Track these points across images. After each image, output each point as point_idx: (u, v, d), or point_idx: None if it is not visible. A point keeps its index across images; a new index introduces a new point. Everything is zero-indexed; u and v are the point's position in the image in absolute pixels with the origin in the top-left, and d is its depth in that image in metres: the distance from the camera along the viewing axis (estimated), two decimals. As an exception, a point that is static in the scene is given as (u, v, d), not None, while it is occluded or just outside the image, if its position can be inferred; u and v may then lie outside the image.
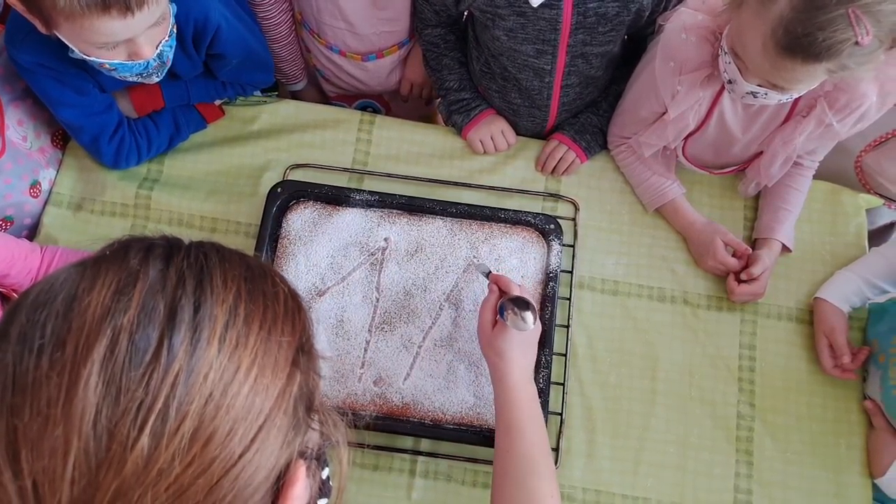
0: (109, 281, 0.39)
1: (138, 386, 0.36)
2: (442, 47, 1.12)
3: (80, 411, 0.35)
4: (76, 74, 0.93)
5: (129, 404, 0.36)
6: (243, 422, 0.38)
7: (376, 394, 0.97)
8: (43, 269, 0.96)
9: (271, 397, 0.40)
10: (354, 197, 1.03)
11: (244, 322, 0.40)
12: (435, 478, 0.97)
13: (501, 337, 0.82)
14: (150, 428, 0.36)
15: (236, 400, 0.38)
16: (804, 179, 1.05)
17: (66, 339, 0.37)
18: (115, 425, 0.35)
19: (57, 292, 0.39)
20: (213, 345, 0.38)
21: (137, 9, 0.75)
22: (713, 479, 0.97)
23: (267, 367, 0.40)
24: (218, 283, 0.41)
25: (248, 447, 0.38)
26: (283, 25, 1.16)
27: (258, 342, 0.40)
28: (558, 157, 1.10)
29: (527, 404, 0.79)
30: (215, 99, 1.12)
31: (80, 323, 0.37)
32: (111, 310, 0.38)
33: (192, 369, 0.37)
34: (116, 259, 0.41)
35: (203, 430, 0.37)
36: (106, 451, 0.35)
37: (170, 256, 0.42)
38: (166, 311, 0.38)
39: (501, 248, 1.02)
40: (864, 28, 0.69)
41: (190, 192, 1.09)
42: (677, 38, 0.91)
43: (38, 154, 1.05)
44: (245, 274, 0.43)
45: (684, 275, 1.06)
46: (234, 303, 0.41)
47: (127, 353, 0.36)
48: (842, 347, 0.97)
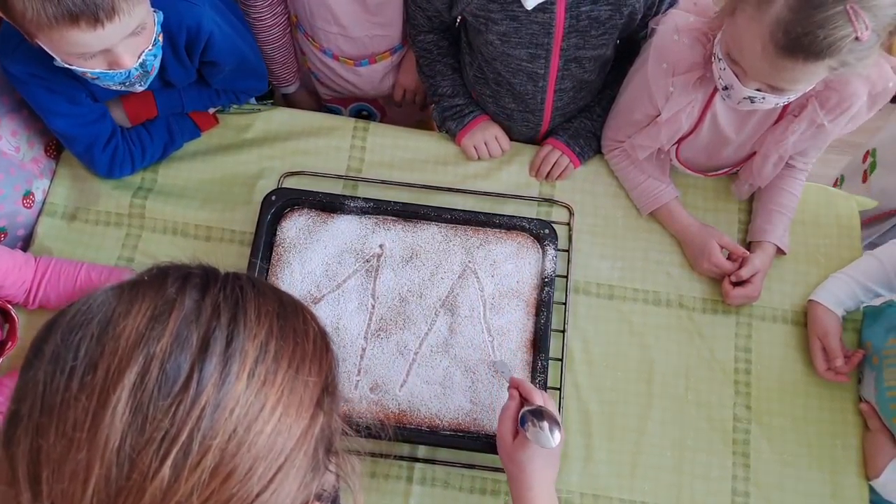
0: (146, 307, 0.39)
1: (165, 416, 0.36)
2: (435, 53, 1.12)
3: (105, 437, 0.35)
4: (68, 84, 0.93)
5: (153, 434, 0.36)
6: (263, 461, 0.38)
7: (373, 401, 0.96)
8: (37, 280, 0.96)
9: (293, 437, 0.40)
10: (349, 204, 1.03)
11: (273, 359, 0.40)
12: (432, 484, 0.97)
13: (523, 451, 0.76)
14: (172, 460, 0.36)
15: (259, 438, 0.38)
16: (797, 182, 1.05)
17: (98, 363, 0.37)
18: (138, 454, 0.35)
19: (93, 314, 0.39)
20: (242, 380, 0.38)
21: (108, 20, 0.75)
22: (710, 482, 0.98)
23: (292, 406, 0.40)
24: (251, 318, 0.41)
25: (266, 487, 0.38)
26: (276, 28, 1.16)
27: (285, 380, 0.40)
28: (552, 162, 1.10)
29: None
30: (209, 107, 1.11)
31: (113, 347, 0.37)
32: (145, 337, 0.38)
33: (218, 403, 0.37)
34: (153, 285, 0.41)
35: (224, 467, 0.37)
36: (126, 479, 0.35)
37: (206, 287, 0.41)
38: (199, 342, 0.38)
39: (496, 254, 1.02)
40: (864, 23, 0.70)
41: (184, 201, 1.09)
42: (670, 39, 0.91)
43: (32, 164, 1.05)
44: (278, 310, 0.43)
45: (679, 278, 1.07)
46: (266, 339, 0.40)
47: (157, 382, 0.36)
48: (835, 350, 0.97)
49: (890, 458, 0.93)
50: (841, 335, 0.99)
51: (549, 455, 0.77)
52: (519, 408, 0.80)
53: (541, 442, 0.76)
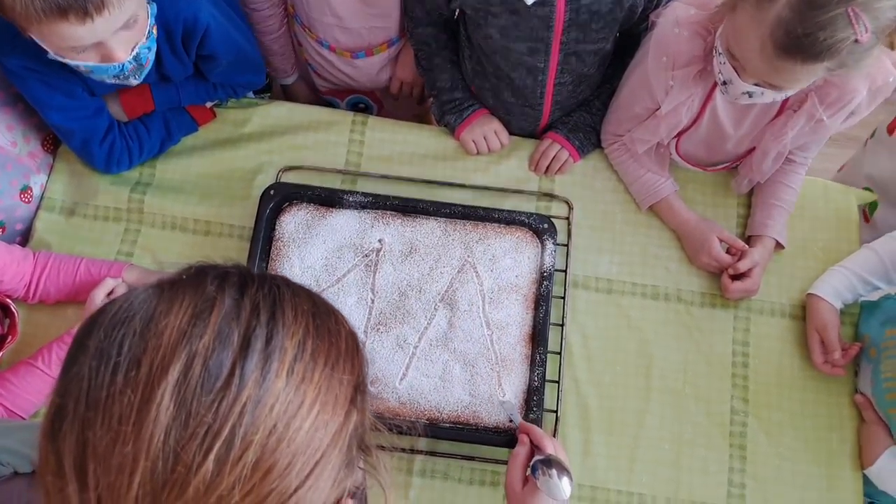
0: (186, 305, 0.40)
1: (208, 411, 0.37)
2: (434, 46, 1.11)
3: (150, 431, 0.36)
4: (64, 78, 0.93)
5: (197, 428, 0.36)
6: (302, 456, 0.39)
7: (372, 394, 0.97)
8: (36, 275, 0.96)
9: (329, 434, 0.40)
10: (348, 198, 1.03)
11: (311, 357, 0.41)
12: (432, 476, 0.97)
13: (533, 500, 0.75)
14: (216, 454, 0.36)
15: (298, 434, 0.39)
16: (797, 176, 1.05)
17: (142, 359, 0.38)
18: (182, 448, 0.36)
19: (135, 311, 0.40)
20: (282, 377, 0.39)
21: (97, 14, 0.74)
22: (708, 475, 0.98)
23: (328, 403, 0.41)
24: (289, 317, 0.41)
25: (304, 482, 0.39)
26: (273, 18, 1.15)
27: (322, 378, 0.41)
28: (551, 156, 1.10)
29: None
30: (206, 101, 1.11)
31: (155, 344, 0.38)
32: (187, 333, 0.38)
33: (259, 399, 0.38)
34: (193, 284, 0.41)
35: (264, 461, 0.37)
36: (171, 472, 0.36)
37: (244, 286, 0.42)
38: (240, 340, 0.39)
39: (495, 248, 1.02)
40: (864, 25, 0.70)
41: (183, 196, 1.08)
42: (670, 32, 0.91)
43: (28, 159, 1.05)
44: (313, 310, 0.43)
45: (678, 272, 1.07)
46: (304, 337, 0.41)
47: (200, 378, 0.37)
48: (833, 343, 0.98)
49: (883, 448, 0.94)
50: (839, 328, 1.00)
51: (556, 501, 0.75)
52: (529, 455, 0.79)
53: (552, 493, 0.74)
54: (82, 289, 0.96)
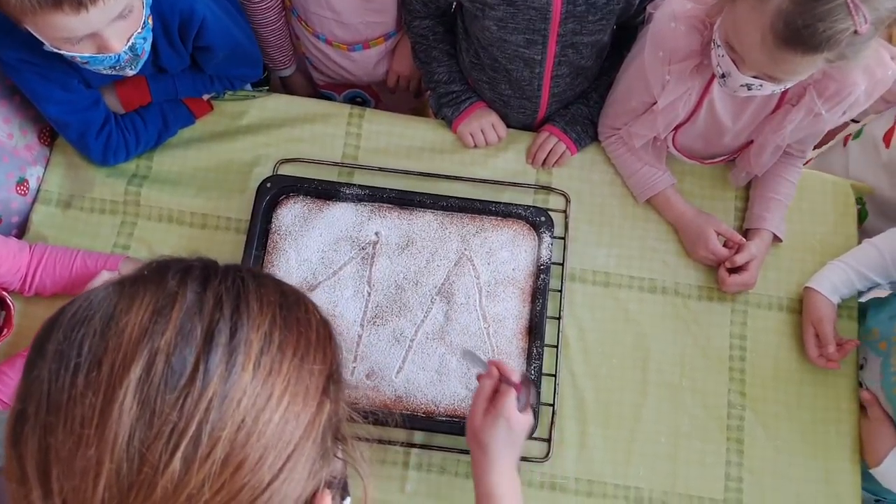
0: (147, 301, 0.39)
1: (172, 409, 0.36)
2: (431, 39, 1.11)
3: (113, 432, 0.35)
4: (61, 70, 0.92)
5: (162, 427, 0.36)
6: (273, 449, 0.38)
7: (369, 387, 0.97)
8: (32, 268, 0.96)
9: (301, 426, 0.40)
10: (345, 191, 1.03)
11: (278, 349, 0.40)
12: (428, 469, 0.97)
13: (487, 431, 0.77)
14: (182, 452, 0.35)
15: (268, 427, 0.38)
16: (794, 169, 1.05)
17: (103, 359, 0.37)
18: (148, 448, 0.35)
19: (95, 310, 0.39)
20: (248, 370, 0.38)
21: (91, 4, 0.74)
22: (704, 468, 0.98)
23: (298, 395, 0.40)
24: (254, 309, 0.41)
25: (277, 475, 0.38)
26: (270, 11, 1.15)
27: (291, 369, 0.40)
28: (549, 149, 1.09)
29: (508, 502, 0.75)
30: (203, 93, 1.11)
31: (116, 343, 0.37)
32: (149, 331, 0.38)
33: (226, 394, 0.37)
34: (154, 280, 0.41)
35: (234, 457, 0.37)
36: (137, 473, 0.35)
37: (207, 279, 0.41)
38: (203, 334, 0.38)
39: (493, 241, 1.02)
40: (863, 17, 0.70)
41: (180, 188, 1.08)
42: (667, 26, 0.90)
43: (25, 151, 1.05)
44: (280, 300, 0.43)
45: (675, 266, 1.07)
46: (270, 329, 0.40)
47: (163, 376, 0.36)
48: (828, 337, 0.97)
49: (891, 447, 0.93)
50: (835, 322, 0.99)
51: (513, 438, 0.77)
52: (495, 387, 0.79)
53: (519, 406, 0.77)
54: (78, 281, 0.96)
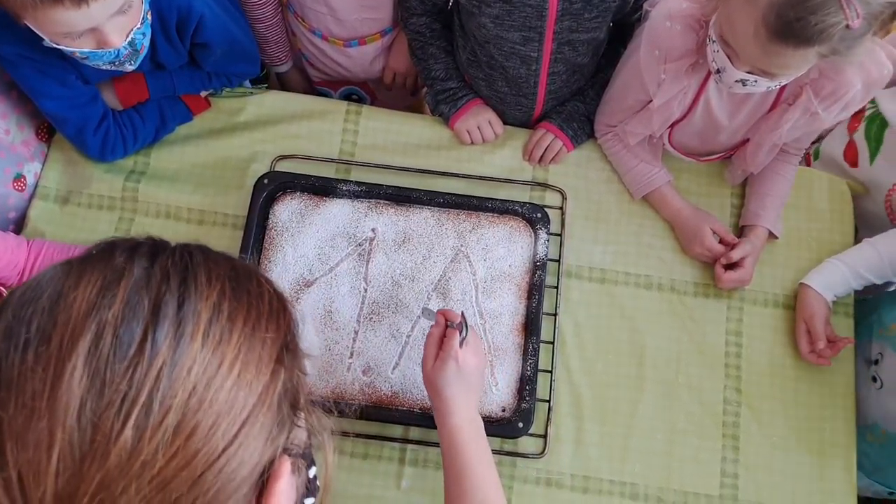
0: (95, 278, 0.40)
1: (122, 379, 0.36)
2: (428, 36, 1.11)
3: (64, 404, 0.36)
4: (58, 66, 0.93)
5: (113, 397, 0.36)
6: (226, 416, 0.38)
7: (365, 383, 0.97)
8: (30, 263, 0.96)
9: (255, 393, 0.40)
10: (341, 188, 1.03)
11: (228, 318, 0.41)
12: (424, 466, 0.97)
13: (439, 375, 0.79)
14: (134, 420, 0.36)
15: (219, 394, 0.38)
16: (790, 167, 1.05)
17: (52, 334, 0.37)
18: (100, 418, 0.36)
19: (43, 290, 0.40)
20: (197, 340, 0.39)
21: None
22: (700, 465, 0.98)
23: (250, 363, 0.41)
24: (202, 281, 0.41)
25: (232, 441, 0.39)
26: (266, 6, 1.15)
27: (242, 338, 0.41)
28: (545, 146, 1.09)
29: (472, 446, 0.76)
30: (201, 90, 1.11)
31: (65, 318, 0.38)
32: (96, 305, 0.38)
33: (175, 363, 0.38)
34: (102, 258, 0.41)
35: (186, 424, 0.37)
36: (90, 443, 0.36)
37: (155, 255, 0.42)
38: (150, 307, 0.39)
39: (489, 238, 1.02)
40: (855, 11, 0.70)
41: (177, 185, 1.09)
42: (662, 25, 0.91)
43: (22, 147, 1.05)
44: (230, 274, 0.43)
45: (671, 262, 1.07)
46: (219, 300, 0.41)
47: (111, 347, 0.37)
48: (818, 333, 0.98)
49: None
50: (828, 320, 1.00)
51: (465, 377, 0.79)
52: (442, 333, 0.82)
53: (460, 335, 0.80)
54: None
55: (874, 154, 1.06)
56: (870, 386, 1.00)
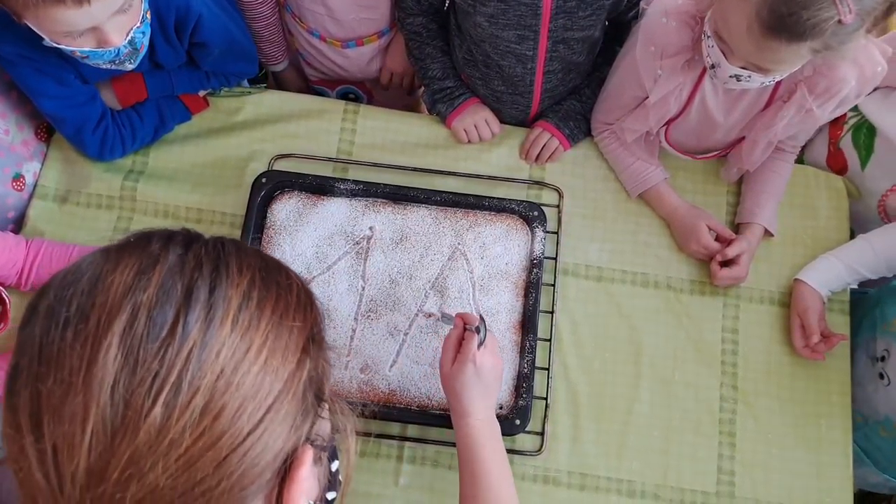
0: (132, 263, 0.41)
1: (154, 358, 0.38)
2: (424, 36, 1.12)
3: (99, 380, 0.37)
4: (57, 65, 0.93)
5: (144, 375, 0.38)
6: (252, 400, 0.40)
7: (363, 381, 0.97)
8: (29, 262, 0.97)
9: (280, 380, 0.41)
10: (339, 186, 1.04)
11: (257, 306, 0.42)
12: (422, 463, 0.98)
13: (457, 377, 0.80)
14: (164, 399, 0.37)
15: (246, 378, 0.40)
16: (786, 164, 1.06)
17: (90, 314, 0.39)
18: (132, 394, 0.37)
19: (83, 273, 0.42)
20: (227, 324, 0.40)
21: None
22: (697, 462, 0.99)
23: (277, 350, 0.42)
24: (233, 270, 0.43)
25: (257, 426, 0.40)
26: (264, 5, 1.16)
27: (270, 325, 0.42)
28: (542, 145, 1.10)
29: (488, 448, 0.77)
30: (199, 90, 1.11)
31: (103, 299, 0.40)
32: (132, 288, 0.40)
33: (205, 346, 0.39)
34: (139, 245, 0.43)
35: (213, 405, 0.38)
36: (122, 419, 0.37)
37: (189, 244, 0.44)
38: (183, 291, 0.40)
39: (486, 236, 1.03)
40: (847, 6, 0.70)
41: (175, 184, 1.09)
42: (658, 22, 0.91)
43: (21, 147, 1.05)
44: (260, 265, 0.45)
45: (667, 260, 1.07)
46: (248, 288, 0.42)
47: (145, 328, 0.39)
48: (812, 327, 0.98)
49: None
50: (823, 315, 1.00)
51: (482, 380, 0.80)
52: (460, 336, 0.84)
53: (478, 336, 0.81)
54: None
55: (865, 161, 1.06)
56: (877, 383, 0.99)
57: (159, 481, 0.37)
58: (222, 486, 0.39)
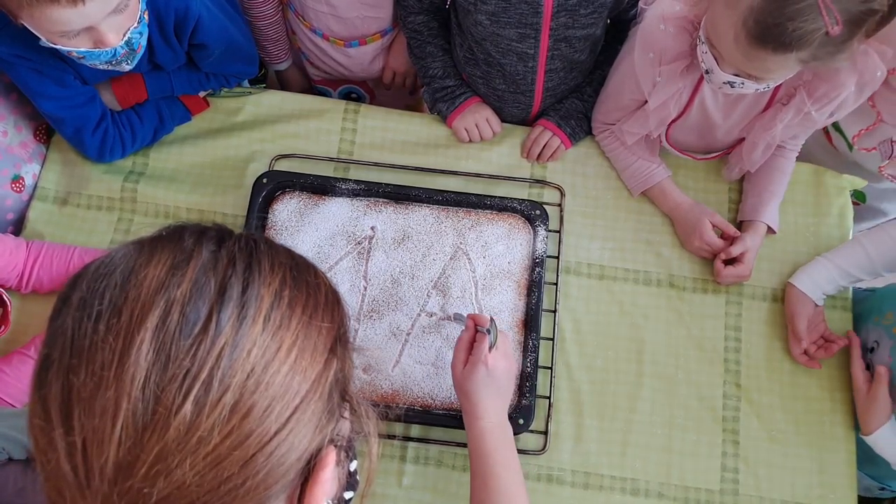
0: (165, 258, 0.41)
1: (186, 355, 0.38)
2: (426, 35, 1.11)
3: (131, 375, 0.37)
4: (56, 66, 0.93)
5: (176, 371, 0.37)
6: (280, 400, 0.39)
7: (366, 381, 0.97)
8: (29, 264, 0.96)
9: (308, 380, 0.41)
10: (340, 186, 1.03)
11: (288, 305, 0.42)
12: (425, 463, 0.97)
13: (470, 379, 0.80)
14: (195, 396, 0.37)
15: (276, 378, 0.39)
16: (787, 162, 1.06)
17: (123, 308, 0.39)
18: (162, 391, 0.37)
19: (116, 265, 0.41)
20: (258, 323, 0.40)
21: None
22: (700, 459, 0.99)
23: (306, 350, 0.42)
24: (266, 268, 0.42)
25: (284, 425, 0.40)
26: (268, 4, 1.15)
27: (300, 325, 0.42)
28: (543, 143, 1.10)
29: (500, 451, 0.77)
30: (199, 91, 1.11)
31: (136, 293, 0.39)
32: (165, 283, 0.39)
33: (236, 344, 0.39)
34: (172, 239, 0.43)
35: (243, 404, 0.38)
36: (152, 414, 0.37)
37: (222, 240, 0.43)
38: (217, 288, 0.40)
39: (488, 235, 1.02)
40: (834, 18, 0.69)
41: (176, 185, 1.09)
42: (656, 28, 0.91)
43: (20, 148, 1.05)
44: (290, 263, 0.44)
45: (669, 258, 1.07)
46: (280, 287, 0.42)
47: (178, 324, 0.38)
48: (800, 333, 0.98)
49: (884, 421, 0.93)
50: (822, 318, 1.00)
51: (495, 382, 0.80)
52: (472, 338, 0.83)
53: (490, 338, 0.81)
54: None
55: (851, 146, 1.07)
56: None
57: (186, 478, 0.37)
58: (247, 484, 0.39)
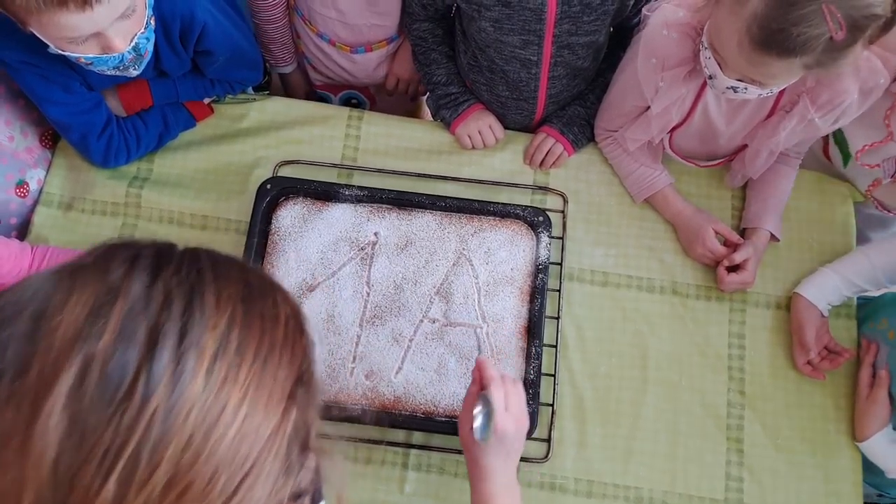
0: (86, 296, 0.34)
1: (106, 427, 0.31)
2: (430, 41, 1.12)
3: (38, 454, 0.31)
4: (62, 72, 0.93)
5: (94, 448, 0.31)
6: (227, 469, 0.34)
7: (368, 388, 0.97)
8: (34, 269, 0.96)
9: (261, 439, 0.35)
10: (343, 192, 1.04)
11: (236, 351, 0.35)
12: (427, 470, 0.97)
13: (477, 443, 0.73)
14: (118, 476, 0.31)
15: (220, 445, 0.33)
16: (790, 169, 1.06)
17: (31, 364, 0.32)
18: (77, 473, 0.31)
19: (25, 305, 0.34)
20: (199, 378, 0.33)
21: (96, 2, 0.75)
22: (704, 467, 0.98)
23: (259, 403, 0.35)
24: (210, 304, 0.36)
25: (231, 497, 0.34)
26: (276, 8, 1.16)
27: (251, 375, 0.35)
28: (546, 150, 1.10)
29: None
30: (204, 97, 1.12)
31: (47, 345, 0.33)
32: (84, 332, 0.33)
33: (171, 407, 0.32)
34: (97, 270, 0.36)
35: (179, 480, 0.32)
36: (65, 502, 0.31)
37: (158, 269, 0.36)
38: (147, 336, 0.33)
39: (491, 241, 1.02)
40: (838, 23, 0.69)
41: (180, 190, 1.09)
42: (659, 34, 0.91)
43: (25, 154, 1.06)
44: (242, 293, 0.38)
45: (673, 265, 1.07)
46: (227, 328, 0.35)
47: (97, 387, 0.32)
48: (808, 343, 0.98)
49: (881, 427, 0.94)
50: (826, 329, 0.99)
51: (507, 447, 0.73)
52: (479, 391, 0.76)
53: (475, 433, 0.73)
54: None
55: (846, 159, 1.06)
56: None
57: None
58: None
